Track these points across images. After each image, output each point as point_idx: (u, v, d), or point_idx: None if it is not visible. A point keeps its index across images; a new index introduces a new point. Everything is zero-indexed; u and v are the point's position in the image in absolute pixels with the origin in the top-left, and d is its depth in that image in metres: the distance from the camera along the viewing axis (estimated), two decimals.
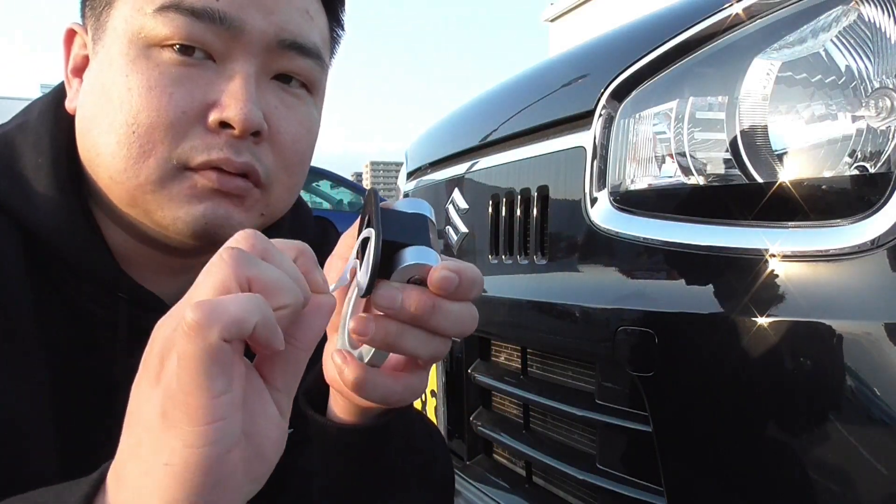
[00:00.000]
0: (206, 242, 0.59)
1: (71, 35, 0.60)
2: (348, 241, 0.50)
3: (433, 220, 0.49)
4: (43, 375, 0.56)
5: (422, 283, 0.46)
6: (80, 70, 0.60)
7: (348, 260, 0.47)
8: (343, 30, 0.70)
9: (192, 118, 0.56)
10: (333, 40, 0.69)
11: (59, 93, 0.63)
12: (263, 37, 0.57)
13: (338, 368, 0.47)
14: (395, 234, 0.45)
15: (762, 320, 0.63)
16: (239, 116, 0.56)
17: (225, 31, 0.55)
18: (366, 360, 0.47)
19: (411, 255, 0.45)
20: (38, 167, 0.58)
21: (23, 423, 0.54)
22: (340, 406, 0.54)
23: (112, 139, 0.55)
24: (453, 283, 0.45)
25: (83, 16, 0.61)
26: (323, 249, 0.67)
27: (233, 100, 0.56)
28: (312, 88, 0.64)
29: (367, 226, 0.46)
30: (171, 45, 0.55)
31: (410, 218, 0.48)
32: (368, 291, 0.45)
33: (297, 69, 0.61)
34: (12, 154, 0.59)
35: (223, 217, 0.58)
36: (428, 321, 0.46)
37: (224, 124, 0.56)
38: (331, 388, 0.54)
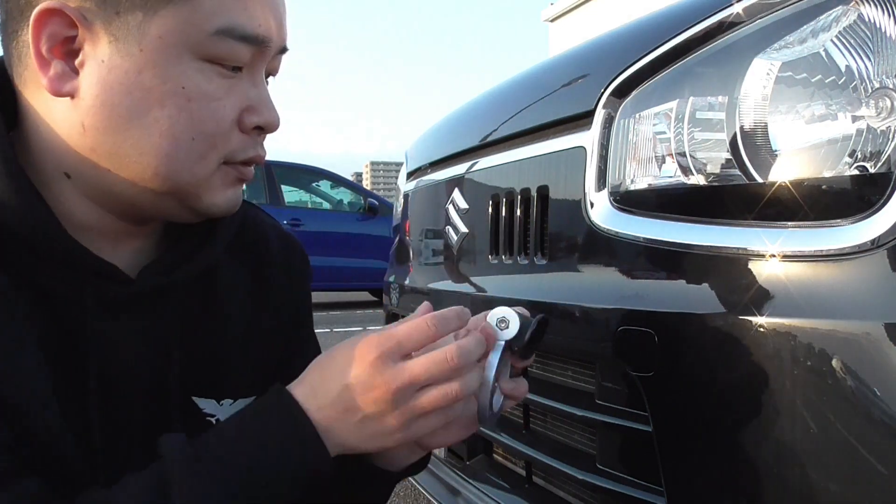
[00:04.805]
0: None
1: (52, 14, 0.58)
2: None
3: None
4: (39, 353, 0.59)
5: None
6: (63, 52, 0.59)
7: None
8: None
9: (234, 123, 0.64)
10: None
11: None
12: (276, 48, 0.65)
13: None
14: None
15: (762, 320, 0.63)
16: (272, 122, 0.65)
17: (257, 48, 0.63)
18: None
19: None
20: None
21: (37, 397, 0.58)
22: (397, 453, 0.70)
23: (167, 142, 0.60)
24: None
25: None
26: (290, 266, 0.82)
27: (264, 107, 0.65)
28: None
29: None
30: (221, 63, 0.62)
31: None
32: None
33: (278, 67, 0.69)
34: None
35: (240, 197, 0.69)
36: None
37: (257, 127, 0.65)
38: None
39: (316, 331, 0.89)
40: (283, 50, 0.67)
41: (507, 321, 0.65)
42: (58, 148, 0.61)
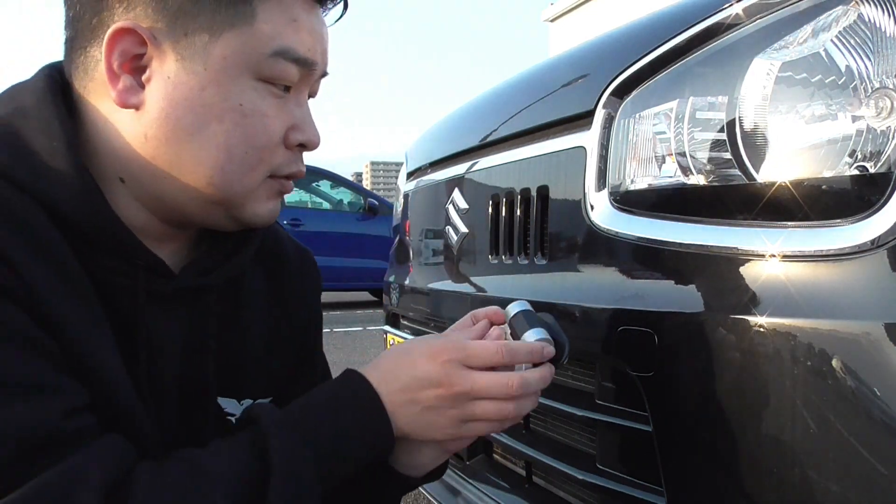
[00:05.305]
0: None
1: (125, 33, 0.63)
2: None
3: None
4: (110, 332, 0.63)
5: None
6: (132, 68, 0.64)
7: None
8: None
9: (281, 139, 0.69)
10: None
11: (48, 78, 0.67)
12: (320, 71, 0.71)
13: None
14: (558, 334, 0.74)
15: (762, 320, 0.63)
16: (314, 140, 0.71)
17: (305, 70, 0.68)
18: None
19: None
20: (54, 151, 0.62)
21: (114, 368, 0.62)
22: (423, 458, 0.75)
23: (222, 154, 0.66)
24: None
25: (146, 19, 0.63)
26: (305, 276, 0.87)
27: (307, 126, 0.70)
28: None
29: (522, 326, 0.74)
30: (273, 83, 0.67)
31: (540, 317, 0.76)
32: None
33: (318, 89, 0.75)
34: (20, 139, 0.63)
35: (279, 209, 0.74)
36: None
37: (300, 144, 0.71)
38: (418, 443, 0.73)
39: None
40: (325, 74, 0.72)
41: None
42: (118, 154, 0.66)
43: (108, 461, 0.56)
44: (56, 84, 0.67)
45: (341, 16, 0.74)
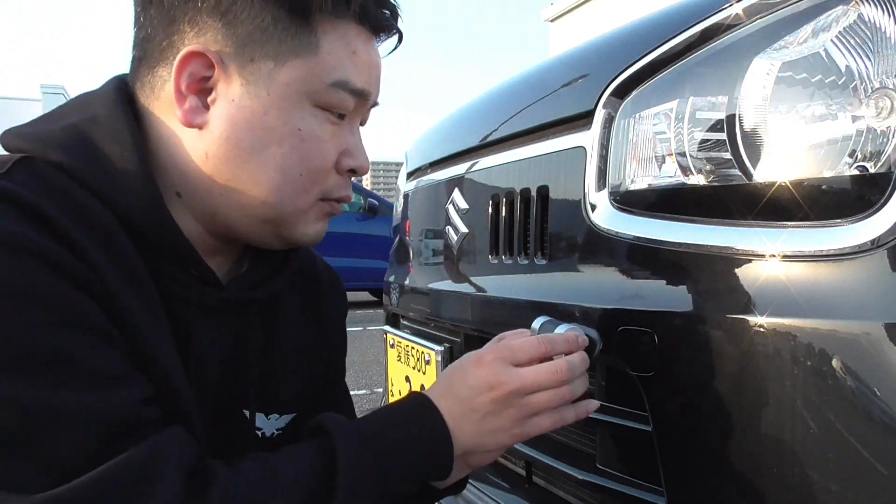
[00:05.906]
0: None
1: (195, 56, 0.65)
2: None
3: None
4: (169, 333, 0.66)
5: None
6: (198, 89, 0.67)
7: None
8: None
9: (334, 164, 0.72)
10: None
11: (118, 91, 0.69)
12: (372, 102, 0.74)
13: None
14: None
15: (762, 320, 0.63)
16: (365, 166, 0.75)
17: (360, 101, 0.72)
18: None
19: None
20: (125, 159, 0.64)
21: (174, 374, 0.64)
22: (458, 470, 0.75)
23: (278, 175, 0.68)
24: None
25: (215, 43, 0.66)
26: (336, 296, 0.90)
27: (359, 153, 0.74)
28: None
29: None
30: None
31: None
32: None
33: (368, 118, 0.78)
34: (93, 145, 0.65)
35: (325, 230, 0.76)
36: None
37: (350, 169, 0.74)
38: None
39: None
40: (376, 103, 0.76)
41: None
42: (178, 170, 0.68)
43: (188, 445, 0.59)
44: (126, 97, 0.69)
45: (395, 47, 0.77)
